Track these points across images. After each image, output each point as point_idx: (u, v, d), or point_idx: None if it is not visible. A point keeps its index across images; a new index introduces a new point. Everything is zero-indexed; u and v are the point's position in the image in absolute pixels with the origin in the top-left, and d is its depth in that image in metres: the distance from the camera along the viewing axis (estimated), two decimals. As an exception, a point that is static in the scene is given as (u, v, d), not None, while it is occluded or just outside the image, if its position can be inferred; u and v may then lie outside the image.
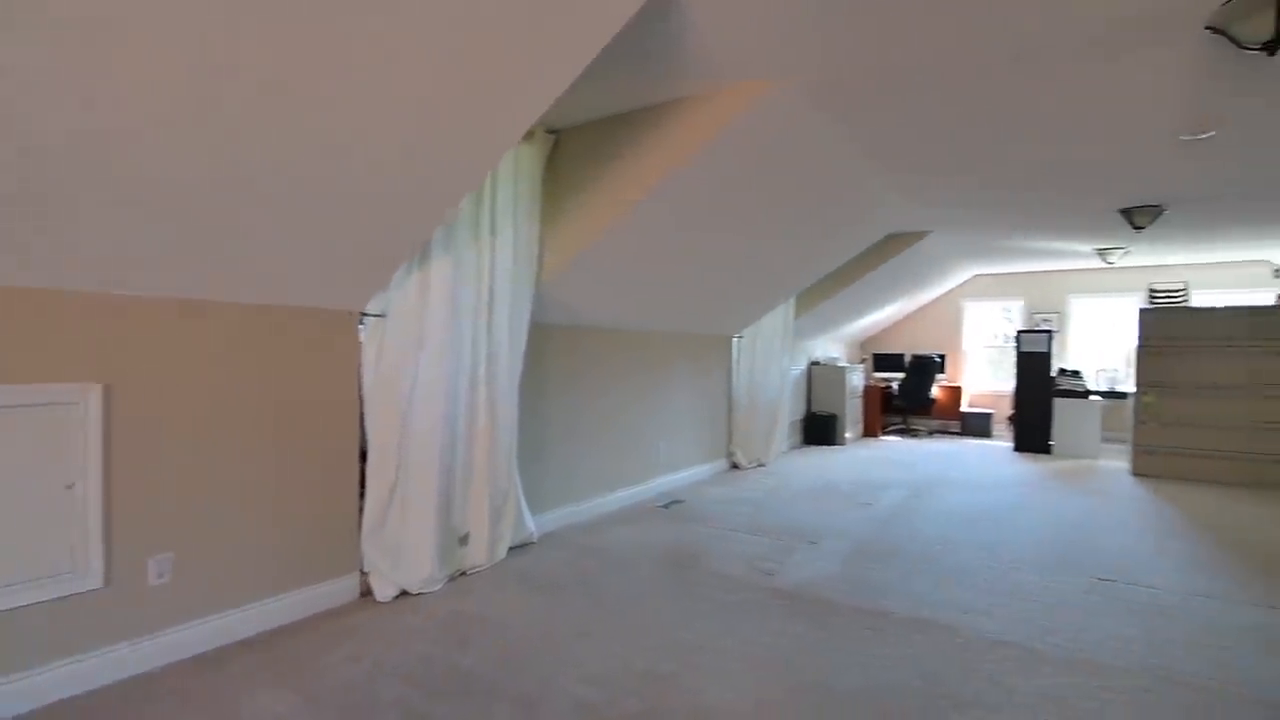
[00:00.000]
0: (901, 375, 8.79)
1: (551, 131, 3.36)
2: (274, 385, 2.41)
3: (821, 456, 6.66)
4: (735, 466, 5.84)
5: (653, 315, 4.54)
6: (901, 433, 8.61)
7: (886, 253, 5.94)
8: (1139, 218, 4.86)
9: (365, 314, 2.70)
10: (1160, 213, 4.81)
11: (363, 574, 2.74)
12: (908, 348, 9.32)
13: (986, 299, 9.14)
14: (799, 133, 3.23)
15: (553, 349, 3.79)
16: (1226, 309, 5.71)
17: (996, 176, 4.15)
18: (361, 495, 2.77)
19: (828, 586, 2.92)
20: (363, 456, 2.78)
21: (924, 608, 2.70)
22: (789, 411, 6.53)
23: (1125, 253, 6.80)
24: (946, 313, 9.34)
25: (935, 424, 8.86)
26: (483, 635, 2.39)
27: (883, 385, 8.51)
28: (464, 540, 3.06)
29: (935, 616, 2.61)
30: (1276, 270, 7.45)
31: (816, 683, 2.08)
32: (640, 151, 3.10)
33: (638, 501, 4.51)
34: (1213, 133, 3.18)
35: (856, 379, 7.96)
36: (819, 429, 7.41)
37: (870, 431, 8.22)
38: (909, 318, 9.55)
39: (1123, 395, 7.25)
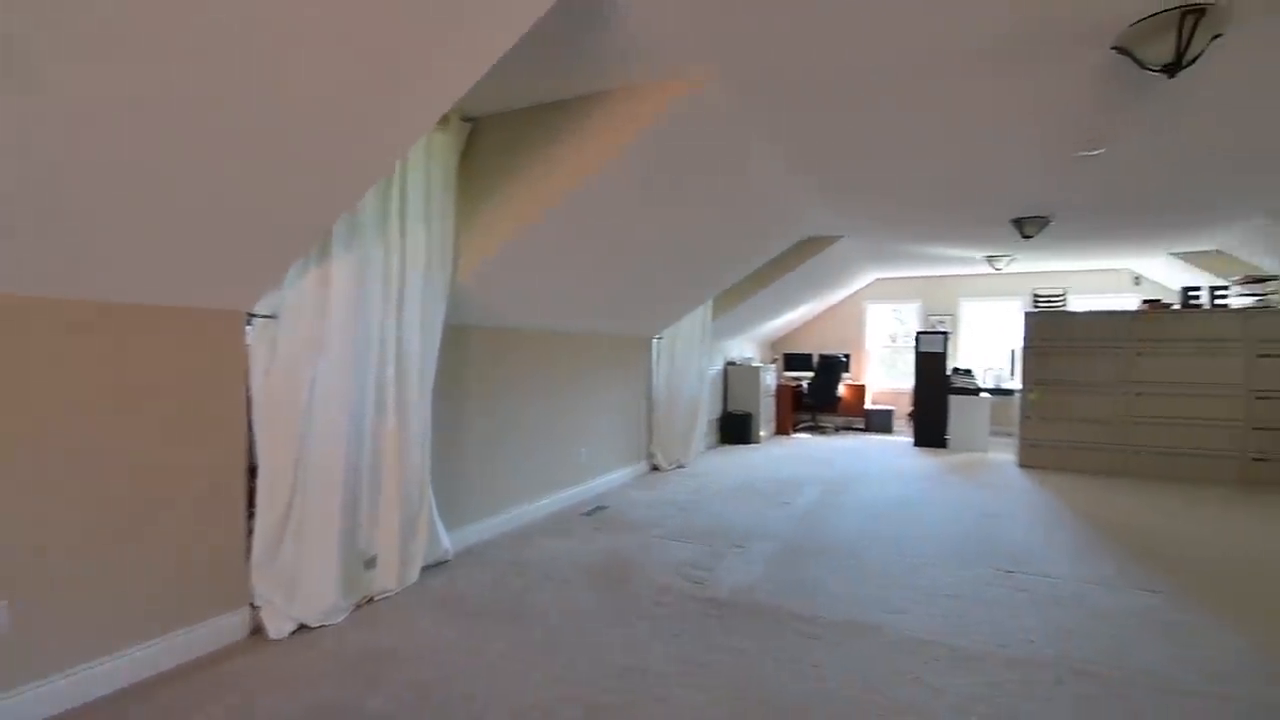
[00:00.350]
0: (810, 374, 9.09)
1: (468, 119, 3.14)
2: (139, 396, 2.07)
3: (739, 455, 6.74)
4: (655, 468, 5.79)
5: (574, 316, 4.38)
6: (811, 430, 8.90)
7: (802, 256, 6.07)
8: (1028, 227, 5.22)
9: (253, 315, 2.39)
10: (1047, 223, 5.19)
11: (253, 608, 2.43)
12: (815, 348, 9.65)
13: (887, 301, 9.63)
14: (725, 134, 3.19)
15: (470, 352, 3.55)
16: (1101, 313, 6.26)
17: (904, 185, 4.31)
18: (251, 518, 2.45)
19: (759, 592, 2.89)
20: (253, 474, 2.46)
21: (852, 609, 2.72)
22: (707, 411, 6.55)
23: (1011, 260, 7.34)
24: (851, 314, 9.75)
25: (841, 421, 9.22)
26: (394, 671, 2.16)
27: (793, 384, 8.76)
28: (370, 563, 2.79)
29: (864, 618, 2.63)
30: (1136, 278, 8.29)
31: (762, 700, 2.01)
32: (565, 145, 2.95)
33: (561, 509, 4.34)
34: (1103, 150, 3.42)
35: (770, 378, 8.14)
36: (735, 428, 7.50)
37: (783, 429, 8.44)
38: (817, 319, 9.90)
39: (1009, 392, 7.82)
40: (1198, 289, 6.04)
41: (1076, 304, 7.99)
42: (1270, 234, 5.21)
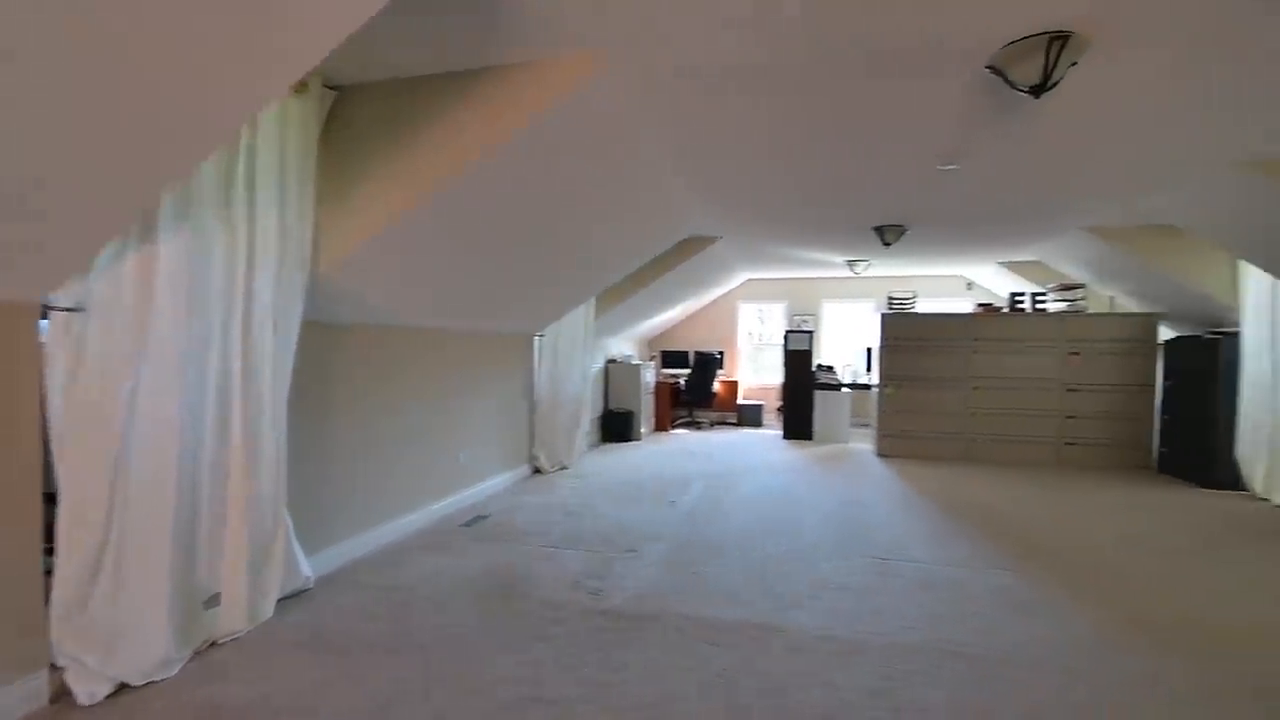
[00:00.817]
0: (687, 371, 9.28)
1: (333, 87, 2.76)
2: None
3: (621, 454, 6.69)
4: (538, 471, 5.57)
5: (452, 312, 4.07)
6: (688, 425, 9.08)
7: (683, 255, 6.12)
8: (889, 235, 5.62)
9: (50, 307, 1.92)
10: (904, 231, 5.60)
11: (55, 669, 1.96)
12: (691, 345, 9.86)
13: (756, 301, 10.05)
14: (616, 125, 3.07)
15: (335, 352, 3.16)
16: (945, 315, 6.90)
17: (782, 189, 4.43)
18: (49, 553, 1.98)
19: (657, 599, 2.81)
20: (51, 502, 1.98)
21: (750, 609, 2.72)
22: (591, 411, 6.42)
23: (869, 265, 7.91)
24: (724, 313, 10.07)
25: (716, 416, 9.50)
26: (248, 732, 1.83)
27: (672, 381, 8.87)
28: (212, 602, 2.37)
29: (762, 618, 2.64)
30: (968, 284, 9.28)
31: (672, 718, 1.92)
32: (447, 126, 2.68)
33: (440, 520, 4.02)
34: (958, 165, 3.70)
35: (649, 376, 8.17)
36: (617, 426, 7.45)
37: (662, 426, 8.52)
38: (693, 317, 10.12)
39: (866, 387, 8.43)
40: (1023, 294, 6.85)
41: (920, 307, 8.79)
42: (1079, 247, 6.01)
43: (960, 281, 9.30)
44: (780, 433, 8.38)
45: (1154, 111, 2.96)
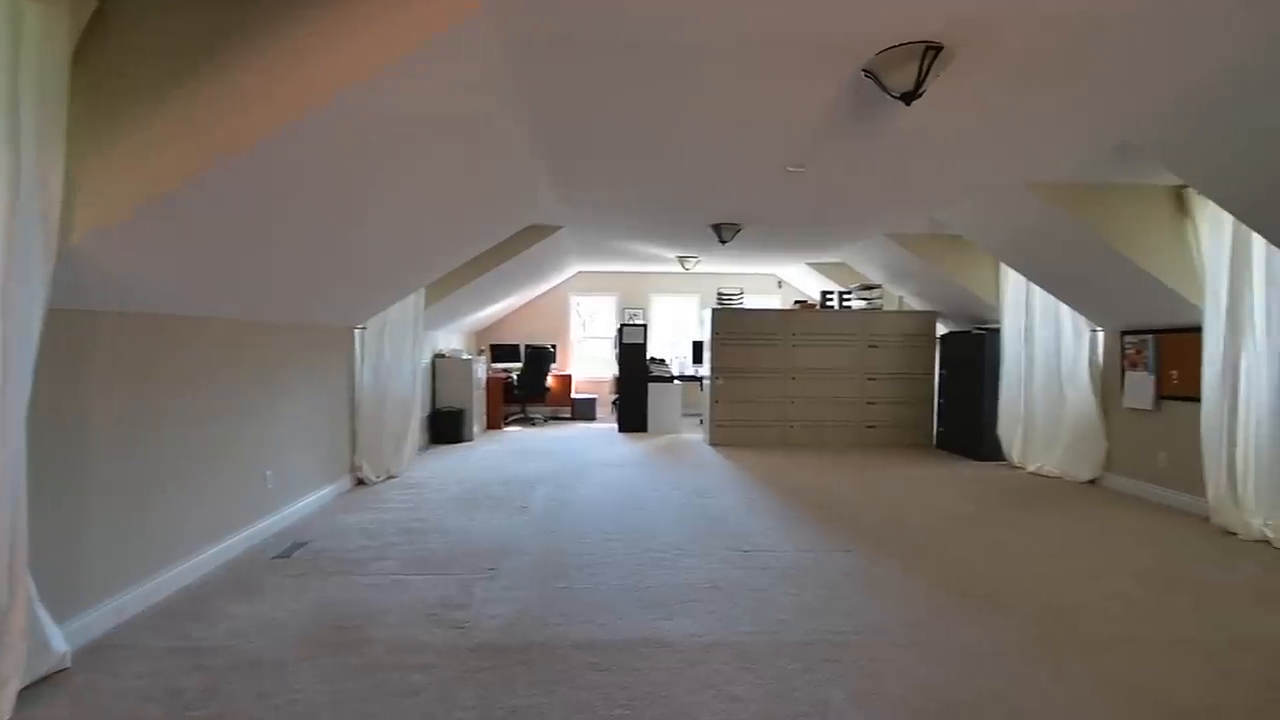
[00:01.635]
0: (519, 366, 8.92)
1: (91, -4, 2.06)
2: None
3: (455, 456, 6.18)
4: (362, 483, 4.91)
5: (258, 299, 3.36)
6: (521, 422, 8.72)
7: (523, 243, 5.78)
8: (726, 232, 5.81)
9: None
10: (739, 230, 5.84)
11: None
12: (522, 338, 9.50)
13: (588, 294, 9.96)
14: (473, 91, 2.70)
15: (97, 349, 2.41)
16: (769, 310, 7.36)
17: (632, 181, 4.34)
18: None
19: (531, 626, 2.54)
20: None
21: (630, 624, 2.57)
22: (420, 411, 5.83)
23: (698, 261, 8.19)
24: (556, 305, 9.84)
25: (549, 411, 9.25)
26: None
27: (503, 376, 8.45)
28: (-97, 715, 1.65)
29: (644, 632, 2.50)
30: (779, 282, 10.05)
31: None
32: (258, 72, 2.12)
33: (248, 553, 3.31)
34: (804, 168, 3.88)
35: (480, 371, 7.68)
36: (447, 426, 6.88)
37: (494, 424, 8.07)
38: (523, 309, 9.74)
39: (694, 379, 8.75)
40: (833, 293, 7.54)
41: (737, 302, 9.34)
42: (879, 250, 6.74)
43: (772, 279, 10.06)
44: (615, 426, 8.39)
45: (973, 132, 3.32)
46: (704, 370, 8.88)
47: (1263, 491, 3.77)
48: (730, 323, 7.20)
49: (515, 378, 8.49)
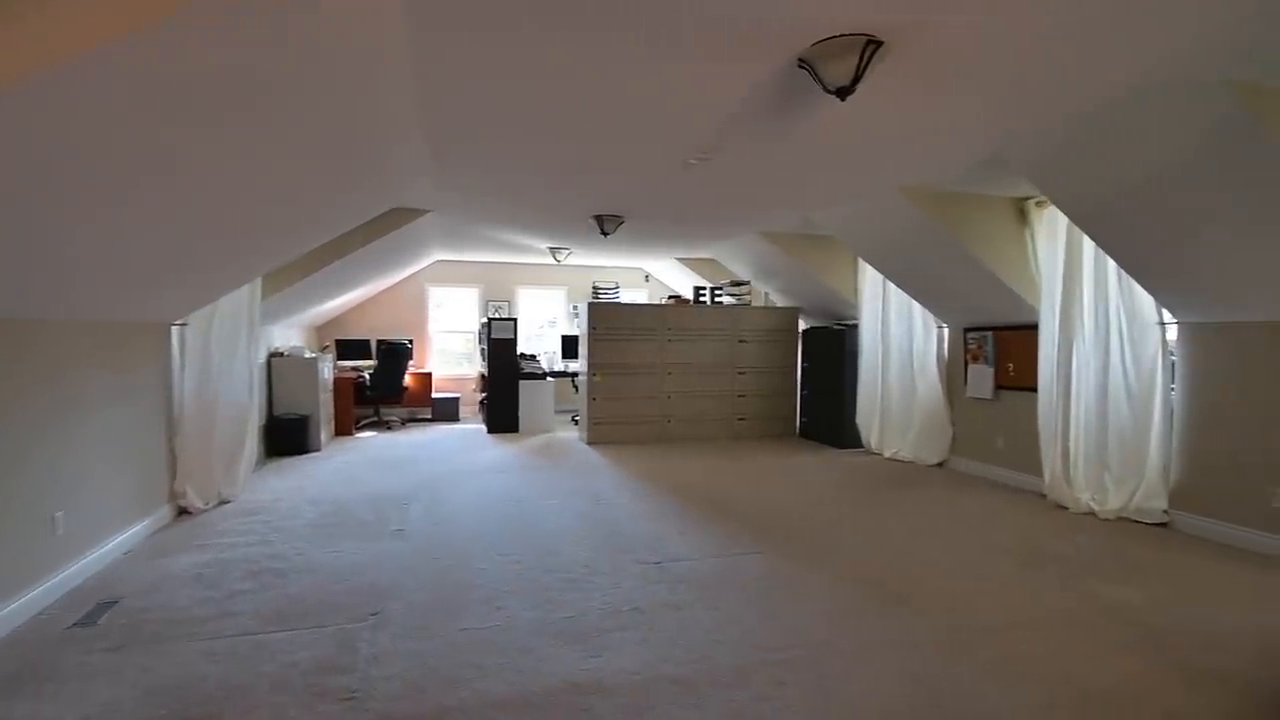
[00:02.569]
0: (369, 363, 8.06)
1: None
2: None
3: (303, 471, 5.37)
4: (186, 512, 4.06)
5: (32, 288, 2.56)
6: (376, 426, 7.88)
7: (384, 227, 5.11)
8: (608, 224, 5.58)
9: None
10: (622, 222, 5.64)
11: None
12: (373, 333, 8.60)
13: (448, 285, 9.25)
14: (353, 38, 2.21)
15: None
16: (645, 305, 7.26)
17: (522, 166, 3.97)
18: None
19: (437, 686, 2.14)
20: None
21: (556, 665, 2.27)
22: (257, 421, 4.96)
23: (570, 253, 7.89)
24: (411, 296, 9.02)
25: (406, 413, 8.47)
26: None
27: (354, 376, 7.56)
28: None
29: (575, 674, 2.22)
30: (647, 276, 10.04)
31: None
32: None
33: (28, 625, 2.51)
34: (709, 158, 3.75)
35: (328, 371, 6.79)
36: (289, 436, 5.98)
37: (344, 430, 7.20)
38: (373, 300, 8.81)
39: (564, 374, 8.45)
40: (704, 288, 7.61)
41: (606, 297, 9.19)
42: (749, 247, 6.90)
43: (640, 274, 10.02)
44: (483, 426, 7.88)
45: (871, 136, 3.39)
46: (575, 366, 8.65)
47: (1090, 471, 4.32)
48: (607, 317, 7.00)
49: (368, 377, 7.64)
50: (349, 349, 8.21)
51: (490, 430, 7.51)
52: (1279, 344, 3.46)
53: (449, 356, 9.36)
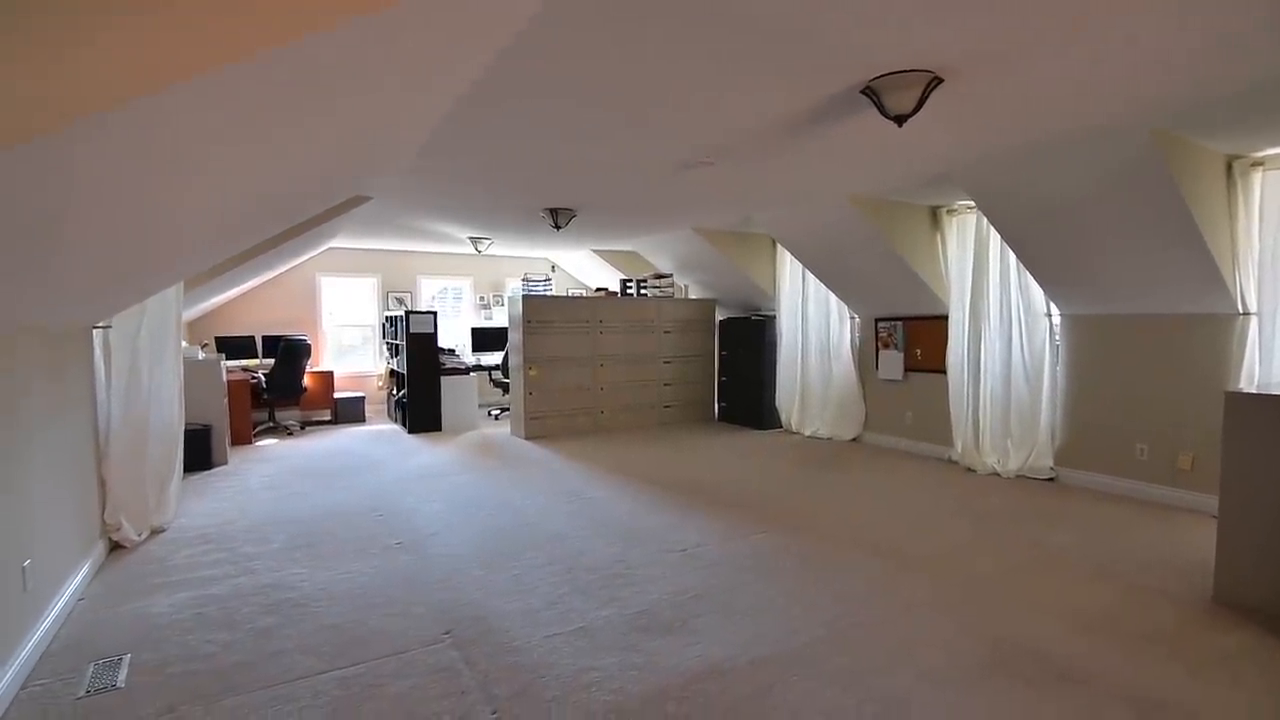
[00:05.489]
0: (256, 362, 7.23)
1: None
2: None
3: (224, 490, 4.74)
4: (120, 547, 3.46)
5: None
6: (274, 432, 7.09)
7: (324, 213, 4.64)
8: (561, 218, 5.52)
9: None
10: (574, 216, 5.59)
11: None
12: (254, 328, 7.69)
13: (342, 274, 8.50)
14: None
15: None
16: (577, 297, 7.22)
17: (497, 161, 3.86)
18: None
19: (575, 691, 2.13)
20: None
21: (668, 660, 2.34)
22: (182, 438, 4.28)
23: (491, 244, 7.62)
24: (300, 287, 8.18)
25: (301, 416, 7.70)
26: None
27: (247, 378, 6.73)
28: None
29: (690, 664, 2.31)
30: (554, 266, 9.93)
31: None
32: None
33: (20, 699, 2.07)
34: (714, 162, 3.90)
35: (223, 374, 6.00)
36: (192, 450, 5.19)
37: (242, 438, 6.40)
38: (255, 293, 7.87)
39: (485, 368, 8.17)
40: (631, 280, 7.74)
41: (511, 288, 9.01)
42: (674, 241, 7.14)
43: (545, 263, 9.90)
44: (395, 427, 7.42)
45: (855, 151, 3.74)
46: (488, 360, 8.39)
47: (995, 438, 5.13)
48: (541, 309, 6.89)
49: (263, 378, 6.85)
50: (231, 347, 7.28)
51: (412, 430, 7.09)
52: (1141, 332, 4.37)
53: (346, 352, 8.62)
